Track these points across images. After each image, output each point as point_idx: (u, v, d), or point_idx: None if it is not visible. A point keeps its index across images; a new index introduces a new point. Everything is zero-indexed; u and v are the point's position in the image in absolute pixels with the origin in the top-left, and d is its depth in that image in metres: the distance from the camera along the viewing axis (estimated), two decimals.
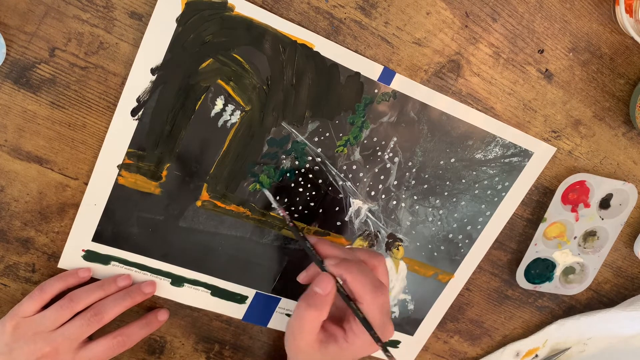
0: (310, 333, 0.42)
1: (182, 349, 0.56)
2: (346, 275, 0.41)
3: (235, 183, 0.48)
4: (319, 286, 0.41)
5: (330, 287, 0.41)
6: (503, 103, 0.49)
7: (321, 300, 0.41)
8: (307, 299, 0.42)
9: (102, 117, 0.44)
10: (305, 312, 0.41)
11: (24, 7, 0.40)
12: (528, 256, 0.56)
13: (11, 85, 0.42)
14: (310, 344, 0.42)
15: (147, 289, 0.49)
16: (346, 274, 0.41)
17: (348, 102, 0.47)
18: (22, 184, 0.45)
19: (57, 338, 0.45)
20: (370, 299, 0.41)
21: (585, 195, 0.55)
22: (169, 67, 0.42)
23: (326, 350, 0.42)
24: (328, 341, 0.42)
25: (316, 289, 0.42)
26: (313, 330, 0.42)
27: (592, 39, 0.49)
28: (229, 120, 0.45)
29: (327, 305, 0.41)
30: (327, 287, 0.41)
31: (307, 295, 0.42)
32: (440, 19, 0.45)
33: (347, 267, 0.42)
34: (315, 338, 0.42)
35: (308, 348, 0.42)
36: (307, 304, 0.41)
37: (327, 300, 0.41)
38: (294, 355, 0.44)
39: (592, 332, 0.63)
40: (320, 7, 0.43)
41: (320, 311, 0.41)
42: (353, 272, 0.42)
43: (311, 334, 0.42)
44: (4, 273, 0.49)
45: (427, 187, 0.52)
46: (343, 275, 0.42)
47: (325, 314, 0.41)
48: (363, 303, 0.41)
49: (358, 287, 0.41)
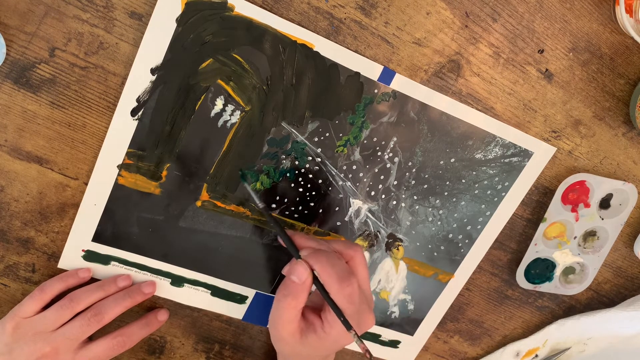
0: (290, 322, 0.43)
1: (182, 349, 0.56)
2: (315, 265, 0.42)
3: (235, 183, 0.48)
4: (295, 274, 0.43)
5: (305, 275, 0.42)
6: (503, 103, 0.49)
7: (297, 288, 0.42)
8: (284, 288, 0.43)
9: (102, 117, 0.44)
10: (283, 300, 0.42)
11: (24, 7, 0.40)
12: (528, 256, 0.56)
13: (11, 85, 0.42)
14: (292, 333, 0.43)
15: (147, 289, 0.49)
16: (315, 264, 0.42)
17: (348, 102, 0.47)
18: (22, 184, 0.45)
19: (57, 338, 0.45)
20: (336, 289, 0.42)
21: (585, 195, 0.55)
22: (168, 67, 0.42)
23: (306, 340, 0.43)
24: (308, 330, 0.43)
25: (292, 277, 0.43)
26: (292, 319, 0.42)
27: (592, 39, 0.49)
28: (229, 120, 0.45)
29: (303, 293, 0.42)
30: (302, 275, 0.42)
31: (283, 284, 0.43)
32: (440, 19, 0.45)
33: (316, 257, 0.43)
34: (296, 327, 0.43)
35: (290, 338, 0.43)
36: (284, 293, 0.42)
37: (303, 289, 0.42)
38: (279, 347, 0.45)
39: (592, 332, 0.63)
40: (320, 7, 0.43)
41: (297, 299, 0.42)
42: (321, 262, 0.42)
43: (291, 323, 0.43)
44: (4, 273, 0.49)
45: (427, 187, 0.52)
46: (313, 265, 0.43)
47: (302, 302, 0.42)
48: (331, 292, 0.42)
49: (325, 277, 0.42)
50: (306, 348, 0.44)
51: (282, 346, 0.45)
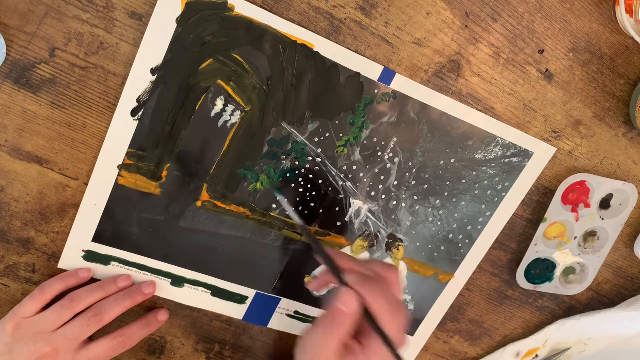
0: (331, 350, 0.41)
1: (182, 349, 0.56)
2: (366, 294, 0.41)
3: (235, 183, 0.48)
4: (344, 304, 0.41)
5: (355, 305, 0.41)
6: (503, 103, 0.49)
7: (345, 318, 0.40)
8: (330, 316, 0.41)
9: (102, 117, 0.44)
10: (328, 328, 0.40)
11: (24, 7, 0.40)
12: (528, 256, 0.56)
13: (11, 85, 0.42)
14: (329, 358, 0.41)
15: (147, 289, 0.49)
16: (366, 293, 0.41)
17: (348, 102, 0.47)
18: (22, 184, 0.45)
19: (57, 338, 0.45)
20: (388, 320, 0.41)
21: (585, 195, 0.55)
22: (168, 67, 0.42)
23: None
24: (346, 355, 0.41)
25: (341, 306, 0.41)
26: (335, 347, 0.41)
27: (592, 39, 0.49)
28: (228, 120, 0.45)
29: (351, 322, 0.41)
30: (352, 305, 0.40)
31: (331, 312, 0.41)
32: (440, 19, 0.45)
33: (367, 286, 0.41)
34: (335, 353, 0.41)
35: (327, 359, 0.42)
36: (331, 322, 0.40)
37: (351, 318, 0.41)
38: None
39: (592, 332, 0.63)
40: (320, 7, 0.43)
41: (344, 328, 0.40)
42: (372, 291, 0.41)
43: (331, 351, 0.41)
44: (4, 273, 0.49)
45: (427, 187, 0.52)
46: (363, 294, 0.41)
47: (348, 331, 0.41)
48: (382, 322, 0.41)
49: (377, 308, 0.41)
50: None
51: None
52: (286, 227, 0.51)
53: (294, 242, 0.52)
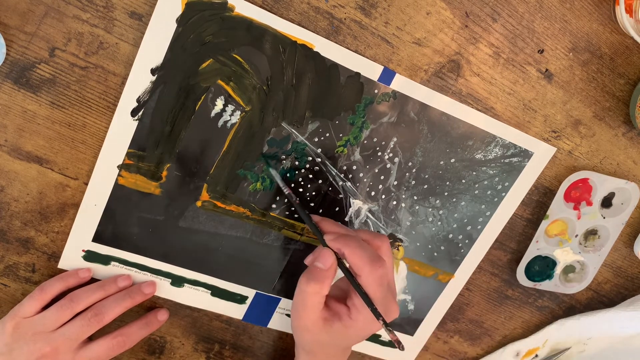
0: (314, 309, 0.42)
1: (182, 349, 0.56)
2: (344, 248, 0.42)
3: (235, 183, 0.48)
4: (319, 260, 0.42)
5: (330, 261, 0.42)
6: (503, 103, 0.49)
7: (322, 274, 0.41)
8: (308, 274, 0.42)
9: (102, 117, 0.44)
10: (307, 286, 0.41)
11: (24, 7, 0.40)
12: (529, 253, 0.56)
13: (11, 85, 0.42)
14: (315, 321, 0.42)
15: (148, 289, 0.49)
16: (344, 248, 0.42)
17: (348, 103, 0.47)
18: (22, 184, 0.45)
19: (57, 338, 0.45)
20: (368, 271, 0.41)
21: (587, 193, 0.55)
22: (169, 68, 0.42)
23: (331, 329, 0.42)
24: (332, 319, 0.42)
25: (317, 263, 0.42)
26: (316, 306, 0.42)
27: (592, 39, 0.49)
28: (229, 120, 0.45)
29: (328, 279, 0.41)
30: (328, 261, 0.42)
31: (307, 270, 0.43)
32: (440, 19, 0.45)
33: (345, 241, 0.42)
34: (319, 315, 0.42)
35: (313, 326, 0.42)
36: (308, 279, 0.41)
37: (328, 275, 0.41)
38: (301, 335, 0.44)
39: (592, 332, 0.63)
40: (320, 7, 0.43)
41: (322, 284, 0.41)
42: (351, 245, 0.42)
43: (315, 311, 0.42)
44: (4, 273, 0.49)
45: (427, 188, 0.52)
46: (341, 249, 0.42)
47: (327, 288, 0.41)
48: (361, 276, 0.41)
49: (355, 260, 0.41)
50: (330, 336, 0.43)
51: (305, 335, 0.44)
52: (286, 227, 0.51)
53: (294, 242, 0.52)
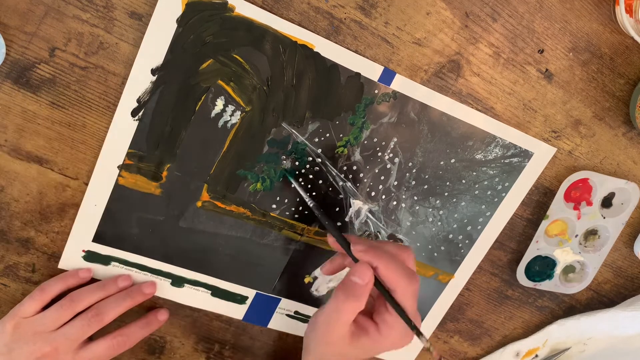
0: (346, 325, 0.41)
1: (182, 349, 0.56)
2: (378, 262, 0.40)
3: (235, 183, 0.48)
4: (357, 276, 0.40)
5: (368, 276, 0.40)
6: (503, 103, 0.49)
7: (360, 290, 0.40)
8: (345, 289, 0.40)
9: (102, 117, 0.44)
10: (345, 303, 0.40)
11: (24, 7, 0.40)
12: (529, 253, 0.56)
13: (11, 85, 0.42)
14: (342, 336, 0.41)
15: (148, 289, 0.49)
16: (378, 261, 0.40)
17: (348, 103, 0.47)
18: (22, 184, 0.45)
19: (58, 338, 0.45)
20: (404, 286, 0.40)
21: (587, 194, 0.55)
22: (169, 68, 0.42)
23: (357, 343, 0.41)
24: (360, 334, 0.41)
25: (354, 278, 0.40)
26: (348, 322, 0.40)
27: (592, 39, 0.49)
28: (229, 120, 0.45)
29: (366, 295, 0.40)
30: (366, 276, 0.40)
31: (344, 285, 0.41)
32: (440, 19, 0.45)
33: (377, 254, 0.41)
34: (347, 330, 0.41)
35: (339, 341, 0.41)
36: (346, 295, 0.40)
37: (366, 290, 0.40)
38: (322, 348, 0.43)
39: (592, 332, 0.63)
40: (320, 7, 0.43)
41: (359, 301, 0.40)
42: (384, 259, 0.40)
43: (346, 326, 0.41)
44: (4, 273, 0.49)
45: (427, 188, 0.52)
46: (374, 262, 0.40)
47: (364, 304, 0.40)
48: (397, 291, 0.40)
49: (391, 275, 0.40)
50: (355, 351, 0.42)
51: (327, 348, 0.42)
52: (286, 228, 0.51)
53: (294, 242, 0.52)
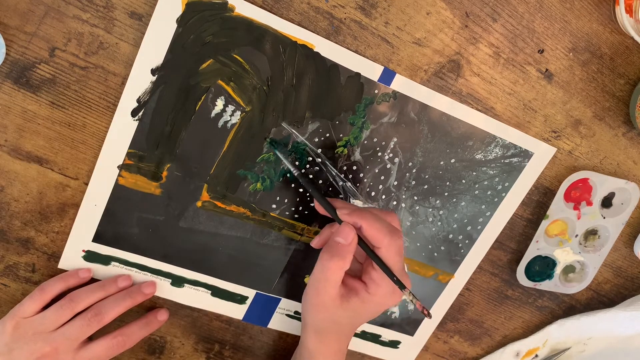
0: (334, 285, 0.42)
1: (182, 349, 0.56)
2: (361, 222, 0.41)
3: (235, 183, 0.48)
4: (340, 236, 0.41)
5: (351, 235, 0.41)
6: (503, 103, 0.49)
7: (344, 249, 0.41)
8: (330, 249, 0.42)
9: (102, 117, 0.44)
10: (330, 262, 0.41)
11: (24, 7, 0.40)
12: (529, 253, 0.56)
13: (11, 85, 0.42)
14: (333, 297, 0.42)
15: (148, 289, 0.49)
16: (361, 221, 0.41)
17: (348, 103, 0.47)
18: (22, 184, 0.45)
19: (57, 338, 0.45)
20: (387, 242, 0.41)
21: (587, 193, 0.55)
22: (169, 68, 0.42)
23: (348, 305, 0.42)
24: (349, 295, 0.42)
25: (338, 239, 0.42)
26: (337, 282, 0.42)
27: (592, 39, 0.49)
28: (229, 120, 0.45)
29: (349, 254, 0.41)
30: (349, 236, 0.41)
31: (328, 246, 0.42)
32: (440, 19, 0.45)
33: (361, 214, 0.42)
34: (337, 292, 0.42)
35: (331, 303, 0.42)
36: (330, 254, 0.41)
37: (350, 250, 0.41)
38: (315, 313, 0.44)
39: (592, 332, 0.63)
40: (320, 7, 0.43)
41: (344, 260, 0.41)
42: (367, 218, 0.41)
43: (334, 287, 0.42)
44: (4, 273, 0.49)
45: (427, 188, 0.52)
46: (358, 222, 0.42)
47: (349, 263, 0.41)
48: (381, 247, 0.41)
49: (374, 232, 0.41)
50: (346, 313, 0.43)
51: (319, 313, 0.43)
52: (286, 228, 0.51)
53: (294, 242, 0.52)
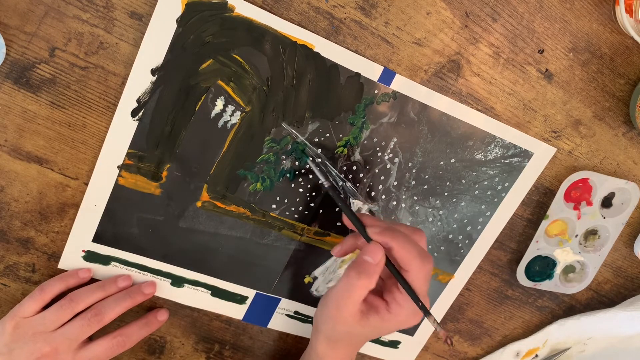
0: (356, 303, 0.41)
1: (182, 349, 0.56)
2: (393, 243, 0.41)
3: (235, 183, 0.48)
4: (369, 255, 0.41)
5: (380, 255, 0.41)
6: (503, 103, 0.49)
7: (372, 269, 0.41)
8: (357, 267, 0.41)
9: (102, 117, 0.44)
10: (357, 280, 0.40)
11: (24, 7, 0.40)
12: (529, 253, 0.56)
13: (11, 85, 0.42)
14: (353, 314, 0.42)
15: (148, 289, 0.49)
16: (392, 242, 0.41)
17: (348, 103, 0.47)
18: (22, 184, 0.45)
19: (57, 338, 0.45)
20: (418, 266, 0.41)
21: (587, 194, 0.55)
22: (169, 68, 0.42)
23: (367, 322, 0.42)
24: (369, 312, 0.42)
25: (366, 257, 0.41)
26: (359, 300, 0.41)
27: (592, 39, 0.49)
28: (229, 120, 0.45)
29: (377, 274, 0.41)
30: (377, 255, 0.41)
31: (356, 264, 0.41)
32: (440, 19, 0.45)
33: (392, 234, 0.41)
34: (358, 309, 0.42)
35: (350, 319, 0.42)
36: (358, 272, 0.41)
37: (378, 270, 0.41)
38: (332, 325, 0.43)
39: (592, 332, 0.63)
40: (320, 7, 0.43)
41: (370, 280, 0.40)
42: (399, 239, 0.41)
43: (356, 304, 0.41)
44: (4, 273, 0.49)
45: (427, 188, 0.52)
46: (389, 243, 0.41)
47: (375, 282, 0.41)
48: (410, 271, 0.41)
49: (405, 255, 0.41)
50: (364, 329, 0.42)
51: (337, 326, 0.43)
52: (286, 228, 0.51)
53: (294, 242, 0.52)
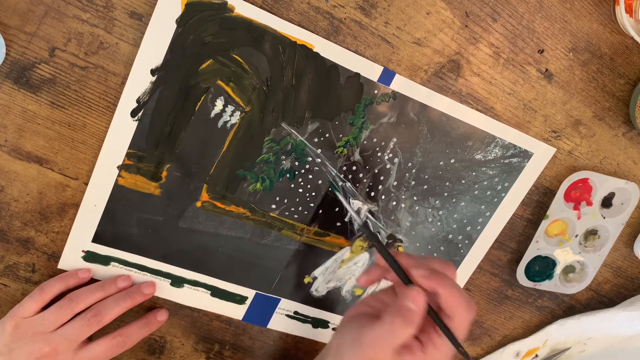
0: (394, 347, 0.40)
1: (182, 349, 0.56)
2: (441, 289, 0.40)
3: (235, 184, 0.48)
4: (413, 302, 0.40)
5: (422, 302, 0.40)
6: (503, 103, 0.49)
7: (416, 316, 0.39)
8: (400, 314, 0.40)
9: (102, 117, 0.44)
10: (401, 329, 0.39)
11: (24, 7, 0.40)
12: (529, 253, 0.56)
13: (11, 85, 0.42)
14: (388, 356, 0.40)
15: (147, 289, 0.49)
16: (441, 289, 0.40)
17: (348, 103, 0.46)
18: (22, 184, 0.45)
19: (57, 338, 0.45)
20: (463, 314, 0.40)
21: (587, 194, 0.55)
22: (168, 68, 0.42)
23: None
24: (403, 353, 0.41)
25: (410, 305, 0.40)
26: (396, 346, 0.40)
27: (592, 39, 0.49)
28: (228, 121, 0.45)
29: (420, 321, 0.40)
30: (420, 302, 0.40)
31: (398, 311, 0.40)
32: (440, 19, 0.45)
33: (440, 280, 0.40)
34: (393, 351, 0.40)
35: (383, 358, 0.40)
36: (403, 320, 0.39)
37: (421, 316, 0.40)
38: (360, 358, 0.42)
39: (592, 332, 0.63)
40: (320, 7, 0.43)
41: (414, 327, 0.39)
42: (447, 286, 0.40)
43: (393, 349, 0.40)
44: (4, 273, 0.49)
45: (427, 188, 0.52)
46: (437, 289, 0.40)
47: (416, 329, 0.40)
48: (454, 318, 0.40)
49: (452, 304, 0.40)
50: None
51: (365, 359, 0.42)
52: (286, 228, 0.51)
53: (294, 242, 0.52)
